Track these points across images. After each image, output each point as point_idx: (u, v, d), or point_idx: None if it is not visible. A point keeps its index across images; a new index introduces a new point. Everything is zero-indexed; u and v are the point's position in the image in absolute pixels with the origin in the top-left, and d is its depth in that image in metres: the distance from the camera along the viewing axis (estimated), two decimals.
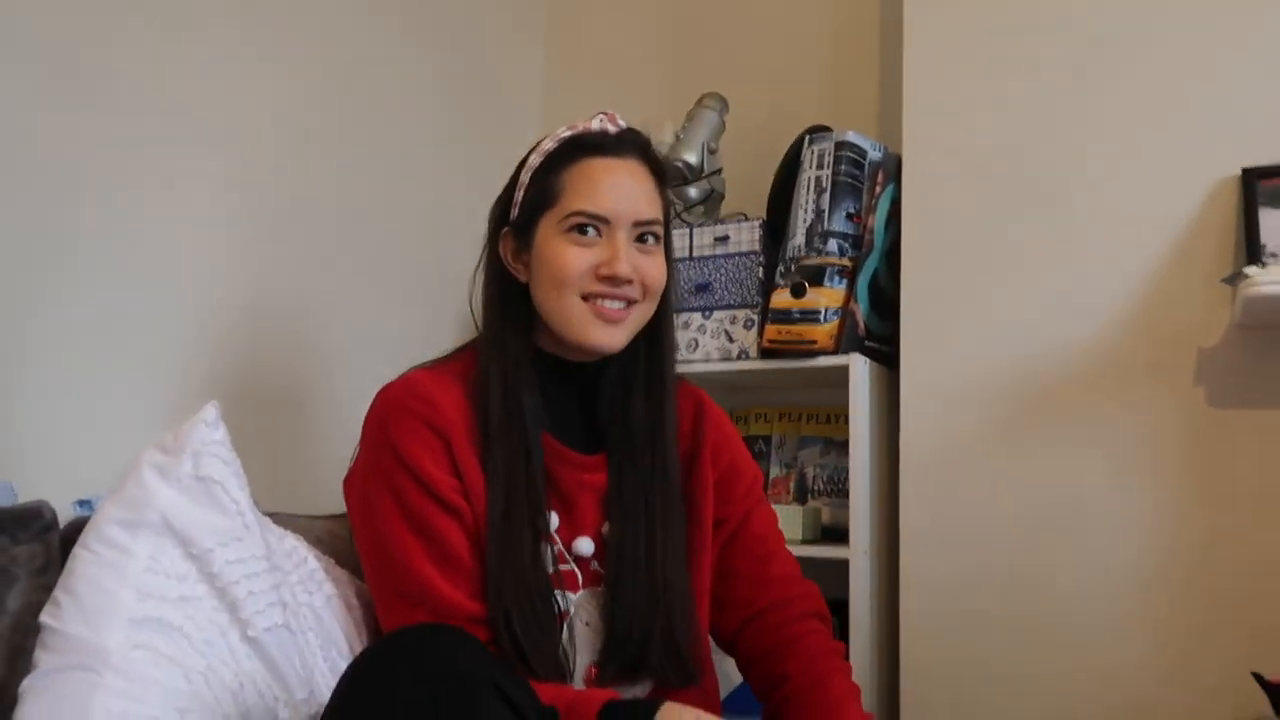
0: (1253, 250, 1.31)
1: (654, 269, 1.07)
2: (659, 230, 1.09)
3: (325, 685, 1.00)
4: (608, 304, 1.04)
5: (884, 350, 1.68)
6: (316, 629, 1.02)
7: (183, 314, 1.35)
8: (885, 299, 1.68)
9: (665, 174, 1.13)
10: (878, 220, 1.68)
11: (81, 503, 1.11)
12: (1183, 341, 1.40)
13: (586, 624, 1.05)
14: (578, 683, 1.03)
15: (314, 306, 1.58)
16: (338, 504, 1.10)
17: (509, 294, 1.09)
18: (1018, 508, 1.49)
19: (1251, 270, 1.23)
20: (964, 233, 1.58)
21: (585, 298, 1.04)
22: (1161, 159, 1.44)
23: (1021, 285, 1.53)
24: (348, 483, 1.06)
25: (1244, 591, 1.33)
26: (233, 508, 0.97)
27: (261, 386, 1.47)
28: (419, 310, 1.78)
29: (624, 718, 0.88)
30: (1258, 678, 1.10)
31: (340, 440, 1.17)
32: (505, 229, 1.10)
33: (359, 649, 1.05)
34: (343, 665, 1.03)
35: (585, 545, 1.07)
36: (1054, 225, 1.51)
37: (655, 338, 1.12)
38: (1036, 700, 1.43)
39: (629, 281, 1.04)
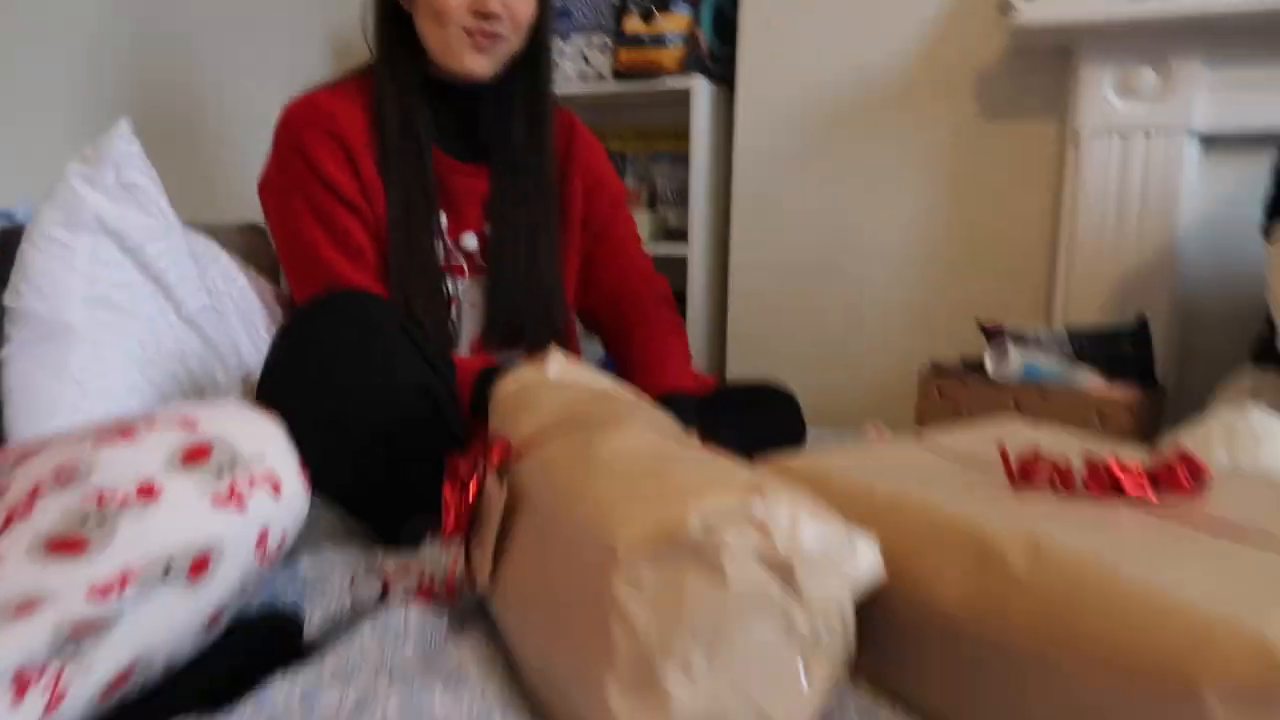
0: None
1: (523, 5, 1.17)
2: None
3: (250, 355, 1.22)
4: (480, 37, 1.15)
5: (724, 72, 1.87)
6: (237, 311, 1.23)
7: (72, 43, 1.40)
8: (726, 24, 1.85)
9: None
10: None
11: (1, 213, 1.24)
12: (962, 65, 1.65)
13: (472, 305, 1.28)
14: (463, 351, 1.27)
15: (203, 34, 1.63)
16: (238, 217, 1.26)
17: (397, 23, 1.19)
18: (826, 204, 1.77)
19: (1019, 2, 1.45)
20: None
21: (466, 31, 1.14)
22: None
23: (838, 17, 1.72)
24: (262, 186, 1.21)
25: (983, 263, 1.68)
26: (155, 209, 1.13)
27: (155, 112, 1.56)
28: (303, 34, 1.84)
29: (497, 375, 1.10)
30: (980, 324, 1.45)
31: (235, 159, 1.31)
32: None
33: (274, 328, 1.27)
34: (264, 341, 1.25)
35: (470, 240, 1.26)
36: None
37: (533, 64, 1.24)
38: (838, 360, 1.80)
39: (498, 16, 1.14)
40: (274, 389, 0.95)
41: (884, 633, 0.66)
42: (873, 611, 0.65)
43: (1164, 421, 1.37)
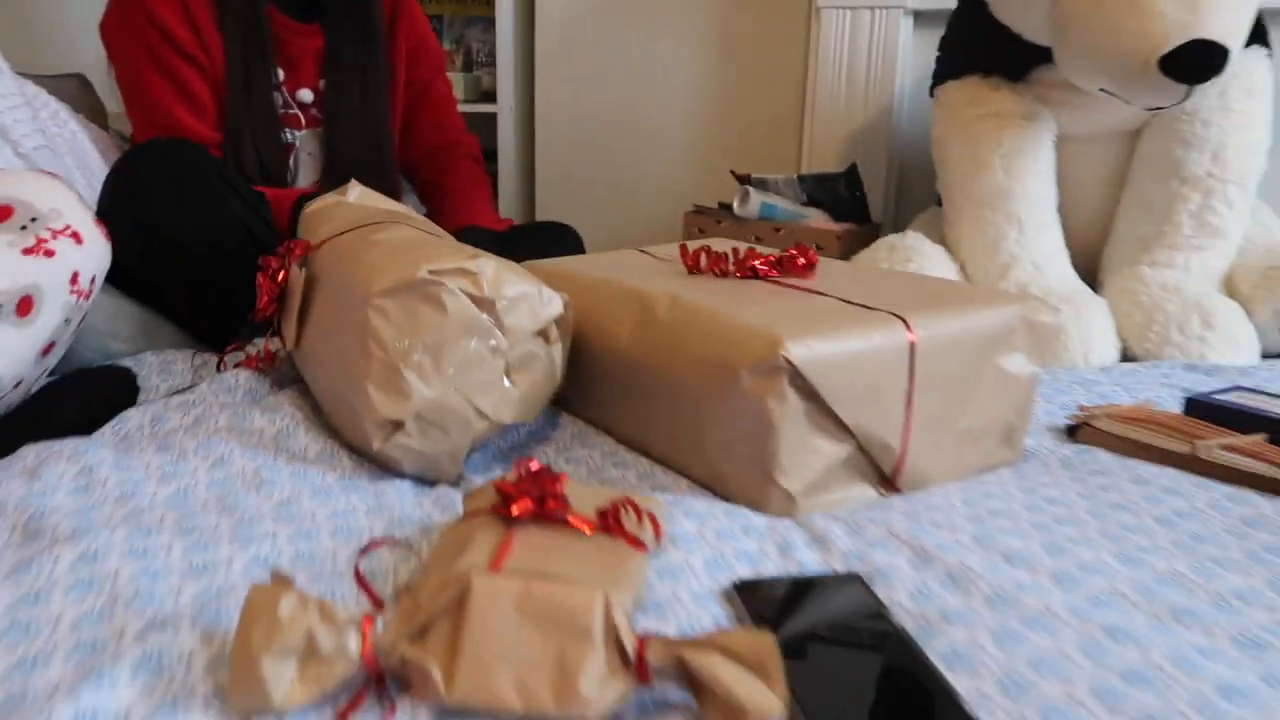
0: None
1: None
2: None
3: (85, 192, 1.37)
4: None
5: None
6: (70, 152, 1.37)
7: None
8: None
9: None
10: None
11: None
12: None
13: (310, 155, 1.44)
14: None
15: None
16: (59, 68, 1.38)
17: None
18: (617, 64, 2.00)
19: None
20: None
21: None
22: None
23: None
24: (103, 29, 1.30)
25: (738, 124, 1.96)
26: None
27: None
28: None
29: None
30: (733, 173, 1.74)
31: (58, 6, 1.41)
32: None
33: (106, 169, 1.41)
34: (97, 180, 1.39)
35: (306, 94, 1.40)
36: None
37: None
38: (627, 202, 2.06)
39: None
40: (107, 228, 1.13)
41: (586, 377, 0.94)
42: (579, 362, 0.94)
43: None
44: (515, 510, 0.57)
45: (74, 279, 0.85)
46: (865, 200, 1.69)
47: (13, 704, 0.47)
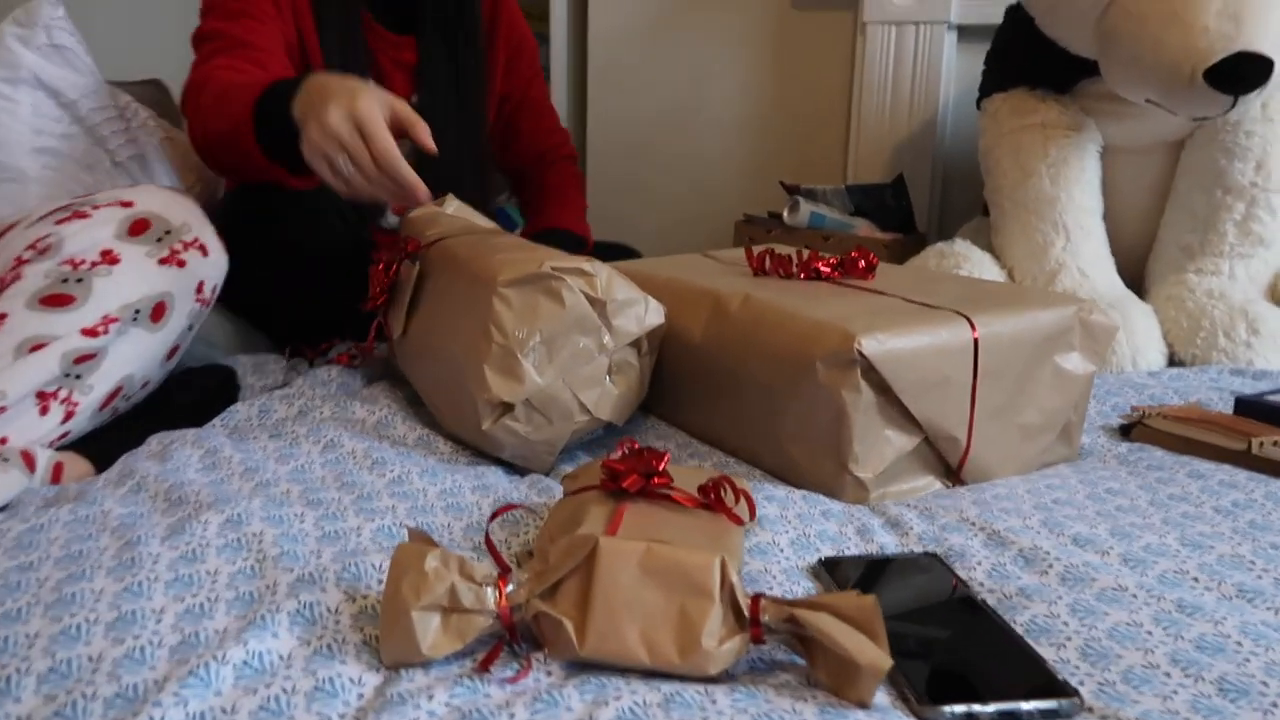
0: None
1: None
2: None
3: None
4: None
5: None
6: (159, 159, 1.44)
7: None
8: None
9: None
10: None
11: None
12: None
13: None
14: (390, 214, 1.39)
15: None
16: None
17: None
18: (666, 77, 2.06)
19: None
20: None
21: None
22: None
23: None
24: None
25: (792, 131, 2.01)
26: (85, 68, 1.33)
27: None
28: None
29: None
30: (782, 183, 1.79)
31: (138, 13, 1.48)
32: None
33: (187, 178, 1.47)
34: (179, 185, 1.46)
35: None
36: None
37: None
38: (676, 210, 2.12)
39: None
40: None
41: (661, 374, 0.99)
42: (659, 367, 0.98)
43: None
44: (626, 484, 0.62)
45: (199, 288, 0.92)
46: (911, 210, 1.73)
47: (188, 647, 0.52)
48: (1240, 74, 1.12)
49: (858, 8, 1.87)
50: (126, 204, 0.91)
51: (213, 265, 0.94)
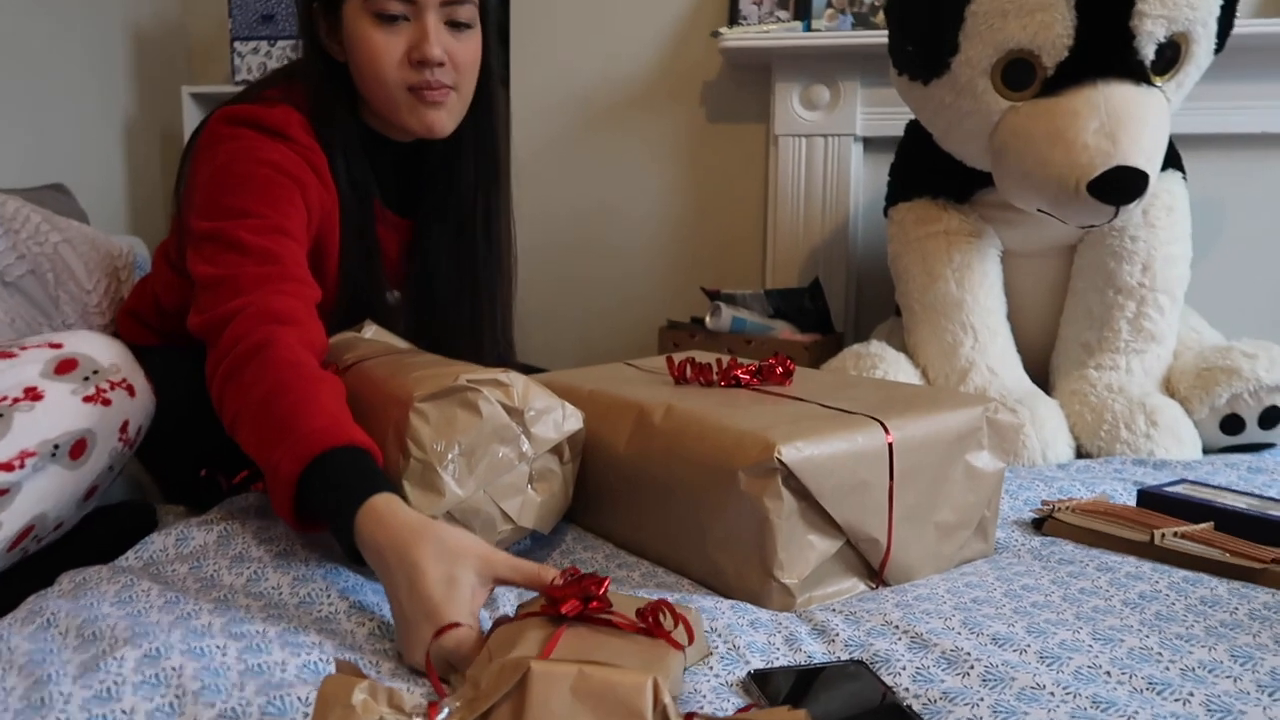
0: (734, 15, 1.93)
1: (466, 51, 1.07)
2: (471, 10, 1.07)
3: (70, 310, 1.38)
4: (427, 92, 1.06)
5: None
6: (53, 269, 1.40)
7: None
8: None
9: None
10: None
11: None
12: (692, 77, 2.03)
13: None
14: None
15: None
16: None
17: (331, 75, 1.09)
18: (589, 189, 2.12)
19: (724, 30, 1.84)
20: None
21: (411, 89, 1.05)
22: None
23: (594, 30, 2.07)
24: (201, 147, 1.06)
25: (705, 241, 2.08)
26: None
27: None
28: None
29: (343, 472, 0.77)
30: (703, 289, 1.84)
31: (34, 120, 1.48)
32: (312, 3, 1.08)
33: (91, 278, 1.42)
34: (82, 294, 1.41)
35: (392, 297, 1.21)
36: None
37: (484, 108, 1.16)
38: (599, 320, 2.15)
39: (441, 64, 1.05)
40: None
41: (586, 484, 1.00)
42: (585, 478, 0.99)
43: None
44: (564, 608, 0.62)
45: (124, 427, 0.91)
46: (829, 312, 1.79)
47: None
48: (1119, 186, 1.21)
49: (769, 121, 1.96)
50: (55, 345, 0.90)
51: (139, 406, 0.93)
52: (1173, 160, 1.45)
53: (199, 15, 2.40)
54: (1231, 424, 1.32)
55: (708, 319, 1.76)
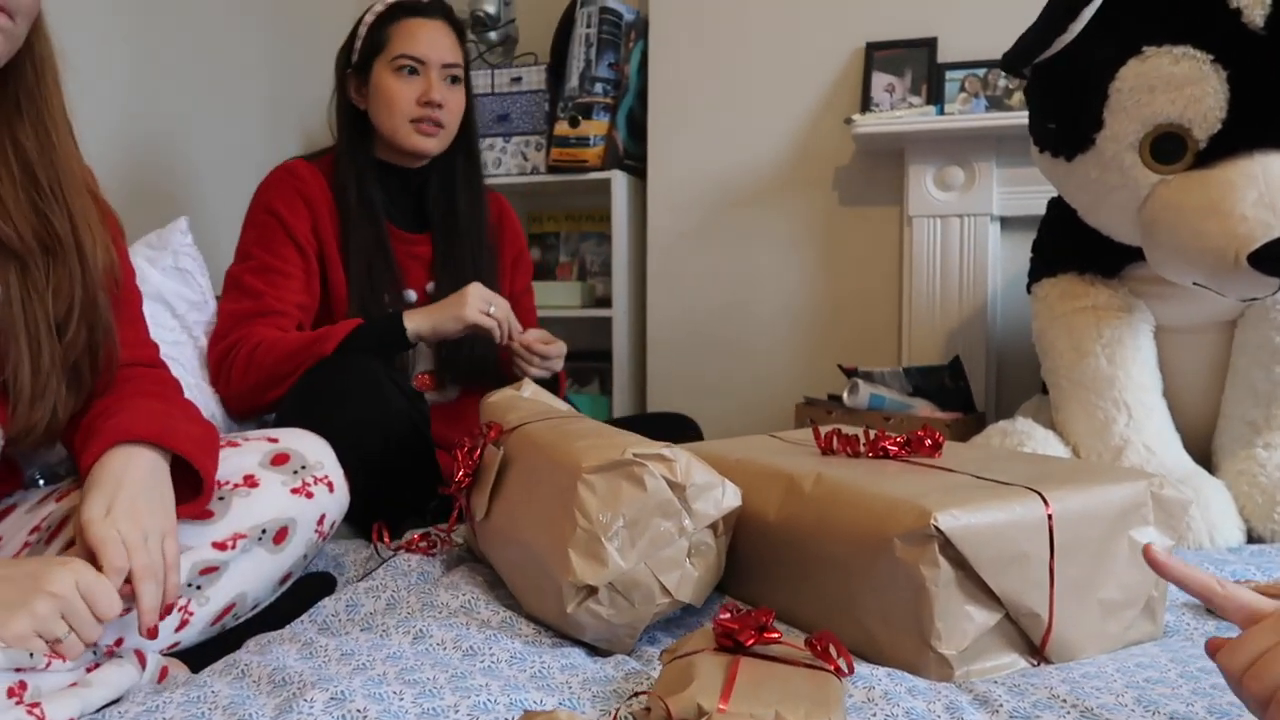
0: (865, 102, 1.98)
1: (457, 99, 1.54)
2: (460, 72, 1.54)
3: None
4: (426, 124, 1.49)
5: (637, 166, 2.27)
6: None
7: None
8: (638, 128, 2.26)
9: (464, 31, 1.61)
10: (632, 68, 2.23)
11: None
12: (824, 162, 2.08)
13: (423, 346, 1.51)
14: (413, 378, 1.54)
15: (184, 129, 1.96)
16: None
17: (355, 119, 1.54)
18: (722, 272, 2.17)
19: (857, 116, 1.88)
20: (691, 79, 2.17)
21: (412, 121, 1.48)
22: (813, 35, 2.07)
23: (728, 120, 2.14)
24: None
25: (845, 318, 2.08)
26: (199, 287, 1.46)
27: (152, 194, 1.88)
28: (269, 130, 2.18)
29: (367, 335, 1.37)
30: (840, 366, 1.84)
31: (216, 234, 1.64)
32: (349, 70, 1.54)
33: None
34: None
35: (411, 295, 1.53)
36: (751, 79, 2.12)
37: (469, 150, 1.60)
38: (734, 397, 2.17)
39: (440, 106, 1.49)
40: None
41: (736, 553, 1.01)
42: (734, 547, 1.00)
43: None
44: (741, 638, 0.64)
45: (320, 520, 0.98)
46: (970, 390, 1.77)
47: None
48: None
49: (903, 203, 1.98)
50: (271, 440, 0.99)
51: (336, 501, 1.00)
52: None
53: None
54: None
55: (845, 396, 1.76)
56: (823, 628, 0.91)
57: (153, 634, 0.78)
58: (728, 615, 0.69)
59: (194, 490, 0.88)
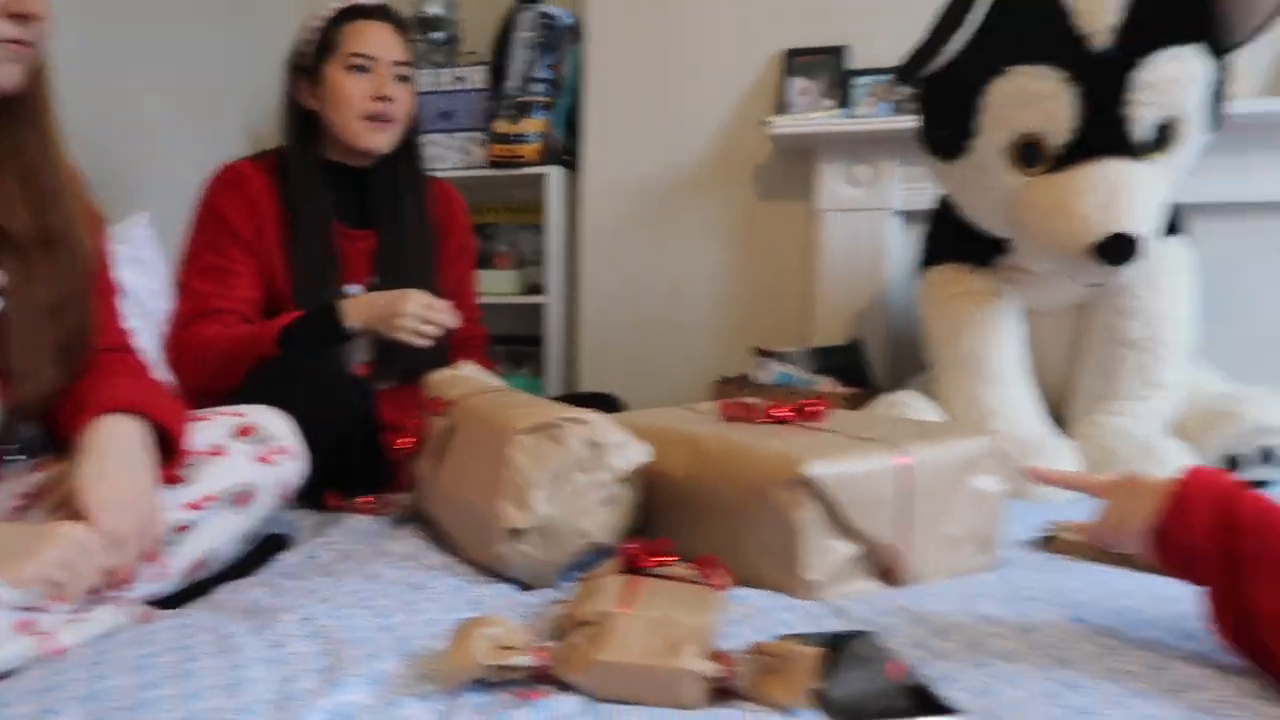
0: (781, 105, 2.15)
1: (406, 95, 1.61)
2: (409, 71, 1.62)
3: None
4: (378, 121, 1.55)
5: (572, 161, 2.41)
6: None
7: None
8: (573, 125, 2.40)
9: (409, 33, 1.68)
10: (569, 69, 2.37)
11: None
12: (744, 160, 2.25)
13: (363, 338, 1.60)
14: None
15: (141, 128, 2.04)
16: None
17: (304, 120, 1.60)
18: (649, 260, 2.33)
19: (773, 118, 2.06)
20: (623, 81, 2.32)
21: (366, 118, 1.55)
22: (737, 41, 2.23)
23: (656, 120, 2.30)
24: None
25: (755, 307, 2.26)
26: (157, 276, 1.57)
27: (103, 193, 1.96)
28: (214, 130, 2.27)
29: (305, 326, 1.44)
30: (754, 348, 2.02)
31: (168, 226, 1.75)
32: (300, 71, 1.59)
33: None
34: None
35: (355, 289, 1.60)
36: (679, 82, 2.28)
37: (412, 146, 1.67)
38: (660, 377, 2.34)
39: (392, 100, 1.56)
40: None
41: (648, 505, 1.17)
42: (648, 501, 1.17)
43: None
44: (643, 563, 0.81)
45: (280, 486, 1.11)
46: (868, 367, 1.96)
47: (286, 701, 0.69)
48: (1117, 249, 1.37)
49: (812, 199, 2.16)
50: (238, 414, 1.12)
51: (295, 470, 1.12)
52: (1176, 227, 1.60)
53: None
54: (1231, 464, 1.44)
55: (756, 373, 1.93)
56: None
57: (131, 581, 0.91)
58: (632, 546, 0.85)
59: (168, 459, 1.01)
